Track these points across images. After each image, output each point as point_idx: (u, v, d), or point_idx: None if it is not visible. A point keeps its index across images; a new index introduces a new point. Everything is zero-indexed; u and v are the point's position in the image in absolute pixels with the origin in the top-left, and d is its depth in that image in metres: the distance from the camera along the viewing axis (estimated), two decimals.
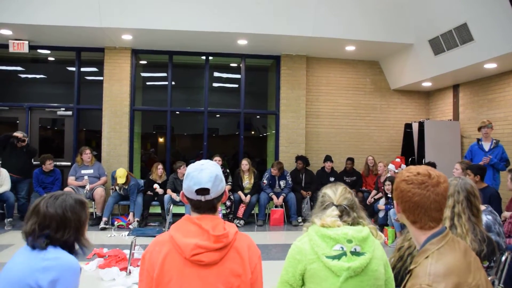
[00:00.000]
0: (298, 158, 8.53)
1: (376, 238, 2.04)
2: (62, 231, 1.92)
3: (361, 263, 1.92)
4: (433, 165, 6.95)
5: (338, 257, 1.92)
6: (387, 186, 6.84)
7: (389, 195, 6.76)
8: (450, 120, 8.93)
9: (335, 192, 2.13)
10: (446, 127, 8.69)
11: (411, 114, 9.63)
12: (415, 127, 8.94)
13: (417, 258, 1.53)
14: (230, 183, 8.01)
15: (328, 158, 8.62)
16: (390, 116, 9.59)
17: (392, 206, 6.55)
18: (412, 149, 8.92)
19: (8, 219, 7.11)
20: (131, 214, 7.56)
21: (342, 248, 1.94)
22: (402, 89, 9.52)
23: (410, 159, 8.80)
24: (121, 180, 7.54)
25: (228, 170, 8.26)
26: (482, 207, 2.85)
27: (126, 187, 7.66)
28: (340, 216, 2.03)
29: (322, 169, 8.72)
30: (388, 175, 7.51)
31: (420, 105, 9.80)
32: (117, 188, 7.69)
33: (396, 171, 7.41)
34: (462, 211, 2.55)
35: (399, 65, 8.84)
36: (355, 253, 1.94)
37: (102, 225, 7.28)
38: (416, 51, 8.03)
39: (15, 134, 7.50)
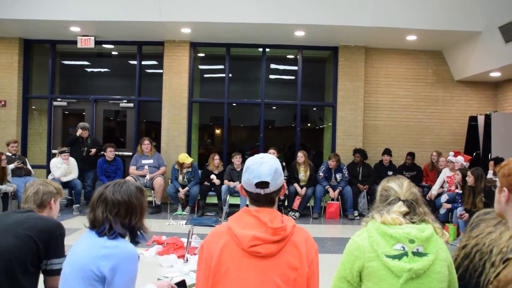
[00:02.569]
0: (356, 151, 8.35)
1: (441, 237, 1.94)
2: (129, 216, 2.01)
3: (423, 265, 1.83)
4: (501, 160, 6.55)
5: (398, 257, 1.84)
6: (458, 177, 6.44)
7: (459, 191, 6.40)
8: None
9: (401, 186, 2.01)
10: None
11: (476, 107, 9.11)
12: (481, 120, 8.44)
13: None
14: (285, 177, 7.99)
15: (386, 152, 8.37)
16: (453, 108, 9.13)
17: (459, 205, 6.23)
18: (477, 143, 8.44)
19: (76, 205, 7.57)
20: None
21: (403, 248, 1.85)
22: (467, 80, 9.01)
23: (474, 154, 8.35)
24: (184, 157, 7.81)
25: (284, 163, 8.22)
26: None
27: (191, 169, 7.94)
28: (408, 213, 1.96)
29: (380, 163, 8.48)
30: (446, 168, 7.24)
31: (487, 97, 9.25)
32: (180, 177, 7.92)
33: (464, 164, 7.08)
34: None
35: (464, 54, 8.38)
36: (417, 253, 1.84)
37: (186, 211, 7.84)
38: (484, 39, 7.56)
39: (78, 133, 7.99)
